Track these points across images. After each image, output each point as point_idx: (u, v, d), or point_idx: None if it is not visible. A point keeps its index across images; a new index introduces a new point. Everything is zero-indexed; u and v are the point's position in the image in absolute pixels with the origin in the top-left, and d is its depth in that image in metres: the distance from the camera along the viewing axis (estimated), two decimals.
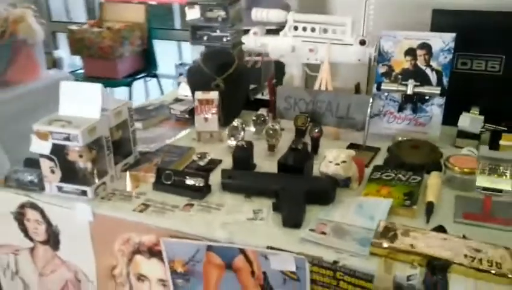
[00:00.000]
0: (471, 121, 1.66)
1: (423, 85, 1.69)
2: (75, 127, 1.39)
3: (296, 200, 1.40)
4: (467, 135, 1.69)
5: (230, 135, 1.73)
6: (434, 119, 1.72)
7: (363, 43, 1.78)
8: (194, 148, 1.76)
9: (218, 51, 2.02)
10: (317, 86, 1.83)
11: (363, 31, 1.75)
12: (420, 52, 1.68)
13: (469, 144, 1.68)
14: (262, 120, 1.84)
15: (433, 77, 1.68)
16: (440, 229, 1.29)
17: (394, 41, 1.71)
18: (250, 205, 1.46)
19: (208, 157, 1.66)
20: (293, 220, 1.35)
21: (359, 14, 2.02)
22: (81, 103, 1.46)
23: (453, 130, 1.74)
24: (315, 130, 1.69)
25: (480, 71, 1.78)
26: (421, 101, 1.71)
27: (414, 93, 1.68)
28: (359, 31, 1.97)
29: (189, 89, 2.00)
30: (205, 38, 2.07)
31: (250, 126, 1.85)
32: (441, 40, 1.65)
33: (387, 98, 1.76)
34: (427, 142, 1.66)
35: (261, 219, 1.40)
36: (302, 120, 1.77)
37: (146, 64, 4.19)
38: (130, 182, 1.57)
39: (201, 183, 1.50)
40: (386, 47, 1.72)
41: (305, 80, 1.99)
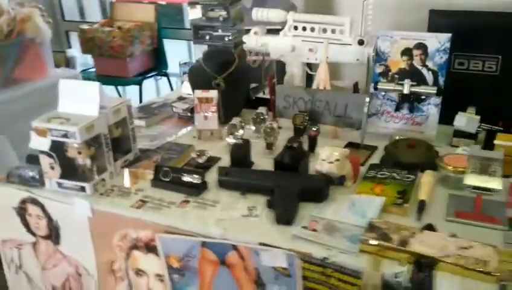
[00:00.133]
0: (467, 121, 1.67)
1: (419, 85, 1.70)
2: (73, 125, 1.43)
3: (290, 198, 1.42)
4: (463, 134, 1.70)
5: (229, 133, 1.76)
6: (430, 119, 1.73)
7: (361, 43, 1.80)
8: (193, 146, 1.79)
9: (219, 50, 2.05)
10: (315, 85, 1.85)
11: (361, 31, 1.76)
12: (416, 52, 1.69)
13: (465, 143, 1.69)
14: (262, 119, 1.86)
15: (429, 77, 1.69)
16: (429, 227, 1.31)
17: (391, 41, 1.72)
18: (246, 202, 1.48)
19: (207, 155, 1.69)
20: (285, 217, 1.38)
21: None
22: (80, 101, 1.49)
23: (450, 130, 1.74)
24: (312, 129, 1.71)
25: (477, 71, 1.78)
26: (418, 101, 1.73)
27: (411, 93, 1.70)
28: (359, 31, 1.98)
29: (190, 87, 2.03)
30: (207, 37, 2.09)
31: (250, 125, 1.88)
32: (436, 40, 1.66)
33: (385, 98, 1.77)
34: (423, 142, 1.68)
35: (256, 215, 1.42)
36: (300, 119, 1.79)
37: (156, 63, 4.22)
38: (129, 178, 1.60)
39: (198, 180, 1.53)
40: (383, 47, 1.73)
41: (306, 79, 2.01)
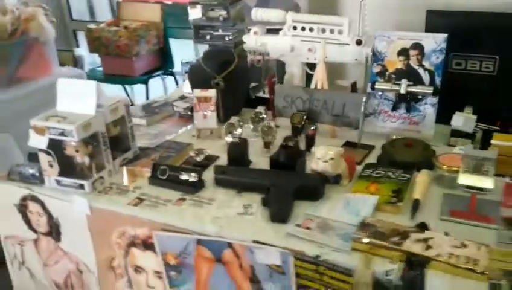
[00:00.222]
0: (464, 121, 1.67)
1: (416, 85, 1.71)
2: (70, 123, 1.45)
3: (285, 196, 1.43)
4: (461, 134, 1.71)
5: (228, 132, 1.77)
6: (427, 119, 1.73)
7: (359, 43, 1.81)
8: (192, 144, 1.81)
9: (218, 49, 2.06)
10: (313, 85, 1.86)
11: (359, 31, 1.77)
12: (413, 52, 1.69)
13: (463, 142, 1.70)
14: (261, 118, 1.87)
15: (425, 77, 1.70)
16: (422, 226, 1.32)
17: (388, 41, 1.73)
18: (241, 200, 1.50)
19: (205, 153, 1.70)
20: (280, 215, 1.39)
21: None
22: (77, 100, 1.52)
23: (448, 129, 1.75)
24: (310, 128, 1.73)
25: (475, 71, 1.79)
26: (415, 101, 1.73)
27: (407, 93, 1.70)
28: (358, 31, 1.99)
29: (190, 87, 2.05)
30: (208, 37, 2.11)
31: (249, 124, 1.89)
32: (433, 40, 1.66)
33: (382, 98, 1.78)
34: (420, 141, 1.68)
35: (251, 213, 1.44)
36: (298, 118, 1.80)
37: (163, 63, 4.24)
38: (127, 176, 1.62)
39: (195, 179, 1.54)
40: (380, 47, 1.74)
41: (306, 79, 2.02)
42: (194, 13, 2.07)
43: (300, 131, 1.79)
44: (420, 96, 1.72)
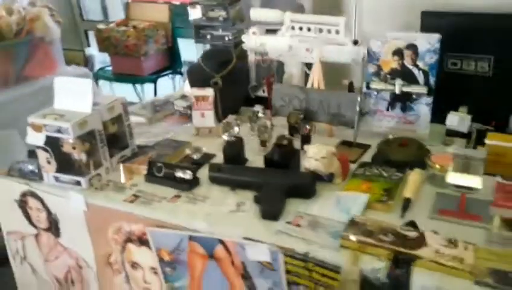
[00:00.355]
0: (459, 120, 1.68)
1: (411, 84, 1.72)
2: (67, 121, 1.49)
3: (276, 194, 1.45)
4: (457, 133, 1.71)
5: (225, 131, 1.79)
6: (422, 118, 1.74)
7: (356, 43, 1.82)
8: (190, 142, 1.83)
9: (217, 49, 2.09)
10: (309, 84, 1.87)
11: (354, 31, 1.79)
12: (407, 52, 1.70)
13: (458, 142, 1.71)
14: (258, 117, 1.89)
15: (420, 77, 1.71)
16: (411, 224, 1.33)
17: (382, 41, 1.74)
18: (235, 198, 1.52)
19: (202, 151, 1.73)
20: (271, 212, 1.41)
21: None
22: (74, 98, 1.55)
23: (444, 129, 1.75)
24: (305, 127, 1.74)
25: (470, 71, 1.79)
26: (410, 100, 1.74)
27: (402, 92, 1.71)
28: (357, 31, 2.01)
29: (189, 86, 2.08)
30: (208, 37, 2.13)
31: (247, 122, 1.91)
32: (427, 41, 1.67)
33: (378, 97, 1.79)
34: (415, 140, 1.69)
35: (243, 211, 1.46)
36: (294, 117, 1.82)
37: (171, 62, 4.27)
38: (124, 173, 1.65)
39: (190, 176, 1.57)
40: (375, 47, 1.75)
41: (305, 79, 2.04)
42: (194, 13, 2.10)
43: (296, 130, 1.81)
44: (415, 96, 1.72)
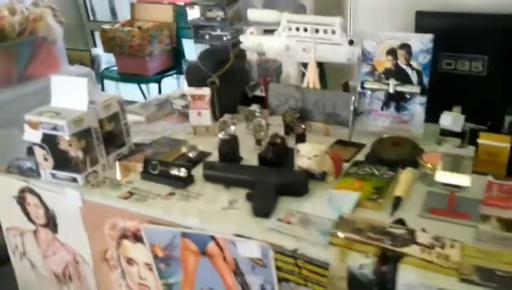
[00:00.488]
0: (453, 120, 1.69)
1: (404, 84, 1.73)
2: (62, 118, 1.51)
3: (268, 192, 1.47)
4: (451, 133, 1.72)
5: (221, 129, 1.81)
6: (416, 117, 1.75)
7: (351, 43, 1.83)
8: (186, 141, 1.86)
9: (215, 49, 2.10)
10: (304, 84, 1.89)
11: (349, 31, 1.80)
12: (401, 52, 1.71)
13: (452, 141, 1.72)
14: (255, 116, 1.91)
15: (414, 77, 1.72)
16: (400, 222, 1.35)
17: (377, 41, 1.75)
18: (228, 195, 1.54)
19: (198, 149, 1.75)
20: (263, 210, 1.43)
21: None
22: (70, 96, 1.58)
23: (438, 128, 1.76)
24: (300, 126, 1.76)
25: (465, 71, 1.80)
26: (404, 100, 1.75)
27: (396, 92, 1.73)
28: (354, 31, 2.02)
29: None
30: (207, 37, 2.15)
31: (243, 121, 1.93)
32: (420, 41, 1.68)
33: (373, 97, 1.80)
34: (408, 140, 1.71)
35: (236, 208, 1.48)
36: (290, 116, 1.84)
37: (176, 62, 4.31)
38: (120, 171, 1.67)
39: (184, 174, 1.59)
40: (369, 47, 1.77)
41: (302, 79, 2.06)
42: (193, 13, 2.12)
43: (292, 129, 1.83)
44: (408, 96, 1.74)
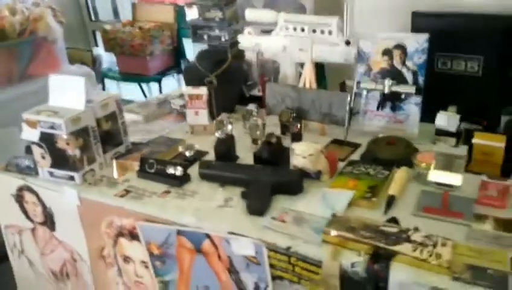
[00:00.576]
0: (448, 120, 1.70)
1: (400, 84, 1.74)
2: (60, 117, 1.53)
3: (263, 190, 1.48)
4: (446, 132, 1.73)
5: (218, 128, 1.82)
6: (412, 117, 1.76)
7: (348, 43, 1.85)
8: (183, 140, 1.87)
9: (212, 49, 2.12)
10: (301, 83, 1.90)
11: (345, 32, 1.81)
12: (396, 52, 1.72)
13: (448, 141, 1.72)
14: (252, 115, 1.92)
15: (409, 77, 1.73)
16: (393, 220, 1.35)
17: (372, 41, 1.76)
18: (223, 194, 1.55)
19: (195, 149, 1.76)
20: (257, 208, 1.44)
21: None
22: (68, 95, 1.59)
23: (433, 128, 1.77)
24: (295, 125, 1.77)
25: (460, 71, 1.80)
26: (399, 100, 1.76)
27: (391, 92, 1.74)
28: (352, 31, 2.03)
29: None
30: (205, 37, 2.17)
31: (240, 121, 1.94)
32: (415, 41, 1.69)
33: (368, 97, 1.81)
34: (403, 139, 1.72)
35: (231, 206, 1.49)
36: (286, 116, 1.85)
37: (177, 62, 4.32)
38: (117, 169, 1.69)
39: (180, 172, 1.60)
40: (365, 47, 1.78)
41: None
42: (191, 14, 2.13)
43: (288, 128, 1.84)
44: (404, 96, 1.75)
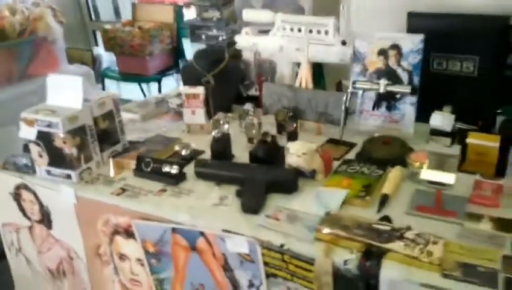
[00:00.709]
0: (443, 119, 1.71)
1: (395, 84, 1.75)
2: (57, 116, 1.54)
3: (257, 189, 1.49)
4: (441, 132, 1.74)
5: (214, 128, 1.84)
6: (407, 117, 1.77)
7: (344, 43, 1.86)
8: (180, 139, 1.88)
9: (209, 49, 2.13)
10: (297, 83, 1.91)
11: (339, 32, 1.82)
12: (391, 52, 1.73)
13: (443, 141, 1.73)
14: (248, 114, 1.93)
15: (404, 77, 1.74)
16: (385, 219, 1.36)
17: (368, 41, 1.77)
18: (219, 192, 1.56)
19: (191, 147, 1.77)
20: (251, 206, 1.45)
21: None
22: (66, 94, 1.61)
23: (429, 128, 1.78)
24: (291, 125, 1.78)
25: (456, 72, 1.81)
26: (394, 100, 1.77)
27: (386, 92, 1.75)
28: (349, 31, 2.04)
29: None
30: (203, 37, 2.18)
31: (236, 120, 1.96)
32: (410, 41, 1.70)
33: (364, 96, 1.82)
34: (398, 139, 1.72)
35: (226, 204, 1.50)
36: (282, 115, 1.86)
37: (176, 62, 4.34)
38: (114, 168, 1.70)
39: (176, 171, 1.61)
40: (360, 47, 1.79)
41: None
42: (189, 14, 2.15)
43: (284, 127, 1.85)
44: (399, 96, 1.76)
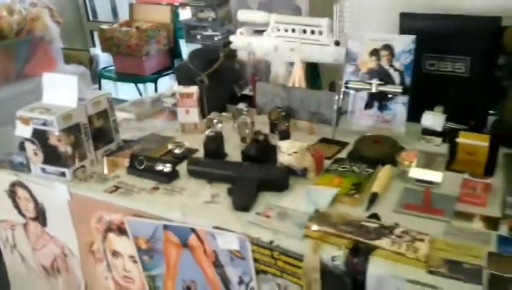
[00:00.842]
0: (434, 119, 1.73)
1: (387, 84, 1.76)
2: (52, 114, 1.56)
3: (248, 187, 1.51)
4: (433, 132, 1.76)
5: (207, 126, 1.86)
6: (398, 117, 1.79)
7: (338, 43, 1.88)
8: (174, 137, 1.90)
9: (204, 49, 2.16)
10: (290, 83, 1.93)
11: (335, 32, 1.84)
12: (383, 52, 1.75)
13: (434, 140, 1.75)
14: (241, 114, 1.95)
15: (396, 77, 1.76)
16: (374, 216, 1.38)
17: (361, 42, 1.79)
18: (211, 190, 1.58)
19: (184, 146, 1.79)
20: (242, 204, 1.47)
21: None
22: (61, 93, 1.63)
23: (421, 127, 1.80)
24: (283, 124, 1.80)
25: (448, 72, 1.83)
26: (386, 100, 1.79)
27: (378, 92, 1.76)
28: (344, 32, 2.06)
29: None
30: (198, 37, 2.20)
31: (230, 119, 1.97)
32: (402, 42, 1.72)
33: (356, 96, 1.84)
34: (389, 138, 1.74)
35: (217, 202, 1.52)
36: (275, 114, 1.88)
37: (173, 62, 4.36)
38: (107, 166, 1.72)
39: (169, 169, 1.63)
40: (353, 47, 1.81)
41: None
42: (185, 14, 2.17)
43: (277, 126, 1.87)
44: (390, 96, 1.77)
